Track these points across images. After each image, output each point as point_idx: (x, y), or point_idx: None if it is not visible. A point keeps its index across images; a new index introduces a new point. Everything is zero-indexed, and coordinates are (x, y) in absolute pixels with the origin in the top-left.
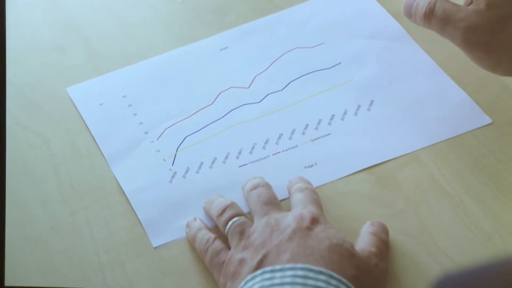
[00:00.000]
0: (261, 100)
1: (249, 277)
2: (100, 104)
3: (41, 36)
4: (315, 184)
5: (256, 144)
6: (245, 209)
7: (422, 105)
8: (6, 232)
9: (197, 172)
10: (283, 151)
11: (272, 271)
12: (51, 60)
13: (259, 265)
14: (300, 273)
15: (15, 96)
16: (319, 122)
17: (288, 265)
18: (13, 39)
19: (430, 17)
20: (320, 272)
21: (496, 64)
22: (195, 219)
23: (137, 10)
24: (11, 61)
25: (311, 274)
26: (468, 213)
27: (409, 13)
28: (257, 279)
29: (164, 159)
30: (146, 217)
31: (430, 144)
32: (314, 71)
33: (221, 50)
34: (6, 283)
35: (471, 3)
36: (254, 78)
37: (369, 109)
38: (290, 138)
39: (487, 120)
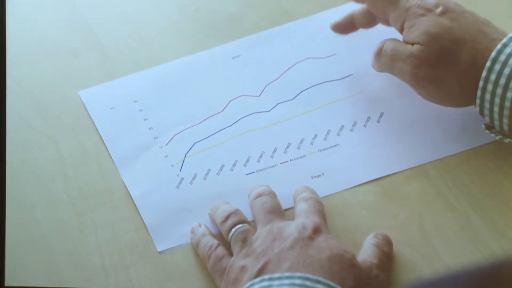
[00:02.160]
0: (271, 109)
1: (247, 284)
2: (111, 108)
3: (55, 39)
4: (321, 194)
5: (264, 152)
6: (250, 217)
7: (431, 119)
8: (12, 232)
9: (204, 178)
10: (291, 160)
11: (270, 279)
12: (63, 63)
13: (260, 272)
14: (298, 281)
15: (25, 98)
16: (328, 133)
17: (286, 274)
18: (26, 42)
19: (379, 55)
20: (318, 281)
21: (448, 97)
22: (199, 225)
23: (151, 16)
24: (23, 63)
25: (308, 283)
26: (473, 228)
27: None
28: (256, 286)
29: (172, 165)
30: (152, 221)
31: (437, 158)
32: (325, 82)
33: (233, 58)
34: (6, 283)
35: (402, 29)
36: (265, 87)
37: (378, 121)
38: (298, 148)
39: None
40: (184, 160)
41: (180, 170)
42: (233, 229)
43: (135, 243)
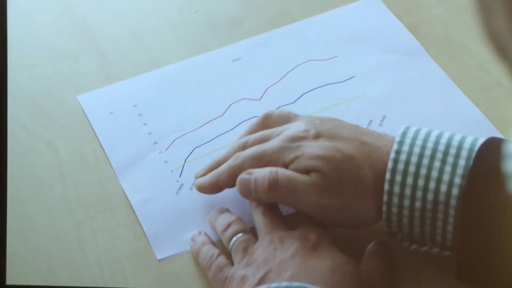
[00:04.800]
0: None
1: None
2: (110, 113)
3: (53, 43)
4: None
5: None
6: (251, 223)
7: (436, 122)
8: (9, 239)
9: None
10: None
11: None
12: (62, 68)
13: (260, 282)
14: None
15: (24, 103)
16: None
17: (283, 284)
18: (24, 46)
19: (274, 187)
20: None
21: (357, 219)
22: (200, 233)
23: (151, 19)
24: (22, 67)
25: None
26: None
27: (248, 191)
28: None
29: (171, 170)
30: (152, 229)
31: None
32: (327, 84)
33: (233, 61)
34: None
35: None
36: (266, 90)
37: (381, 125)
38: None
39: None
40: (184, 166)
41: (180, 176)
42: (234, 238)
43: (134, 252)
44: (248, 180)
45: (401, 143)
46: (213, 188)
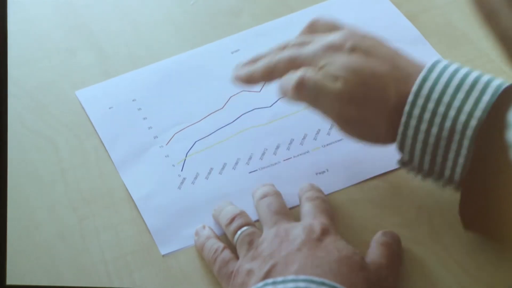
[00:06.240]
0: (273, 104)
1: None
2: (110, 108)
3: (51, 37)
4: (326, 191)
5: (266, 149)
6: (254, 216)
7: None
8: (12, 238)
9: (207, 178)
10: (294, 157)
11: (274, 283)
12: (60, 62)
13: (267, 276)
14: (302, 285)
15: (23, 99)
16: (331, 127)
17: (290, 277)
18: (22, 41)
19: (301, 88)
20: (323, 284)
21: (375, 137)
22: (204, 227)
23: (148, 13)
24: (20, 63)
25: (313, 286)
26: None
27: (281, 91)
28: None
29: (173, 165)
30: (155, 224)
31: None
32: None
33: (232, 52)
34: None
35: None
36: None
37: None
38: (301, 144)
39: None
40: (185, 160)
41: (182, 170)
42: (239, 232)
43: (138, 247)
44: (282, 80)
45: (430, 71)
46: (248, 80)
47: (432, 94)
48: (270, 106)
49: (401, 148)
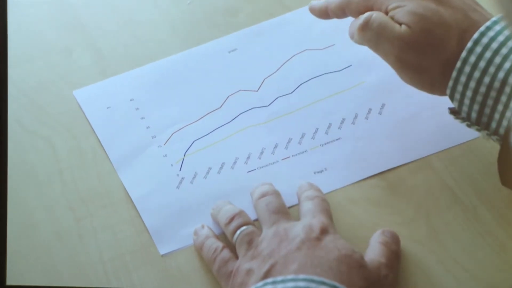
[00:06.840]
0: (270, 104)
1: None
2: (107, 108)
3: (47, 38)
4: (324, 190)
5: (265, 148)
6: (253, 216)
7: (435, 109)
8: (9, 238)
9: (205, 177)
10: (292, 156)
11: (273, 282)
12: (57, 62)
13: (266, 275)
14: (302, 284)
15: (20, 99)
16: (329, 126)
17: (289, 276)
18: (18, 41)
19: (365, 28)
20: (323, 283)
21: (430, 85)
22: (202, 226)
23: (145, 12)
24: (17, 63)
25: (313, 285)
26: (481, 221)
27: (350, 31)
28: None
29: (171, 164)
30: (153, 224)
31: (442, 149)
32: (324, 74)
33: (229, 52)
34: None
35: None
36: (263, 81)
37: (380, 113)
38: (299, 143)
39: None
40: (183, 159)
41: (180, 170)
42: (238, 231)
43: (136, 247)
44: (351, 22)
45: (495, 22)
46: (322, 13)
47: (491, 44)
48: (268, 105)
49: (451, 94)
